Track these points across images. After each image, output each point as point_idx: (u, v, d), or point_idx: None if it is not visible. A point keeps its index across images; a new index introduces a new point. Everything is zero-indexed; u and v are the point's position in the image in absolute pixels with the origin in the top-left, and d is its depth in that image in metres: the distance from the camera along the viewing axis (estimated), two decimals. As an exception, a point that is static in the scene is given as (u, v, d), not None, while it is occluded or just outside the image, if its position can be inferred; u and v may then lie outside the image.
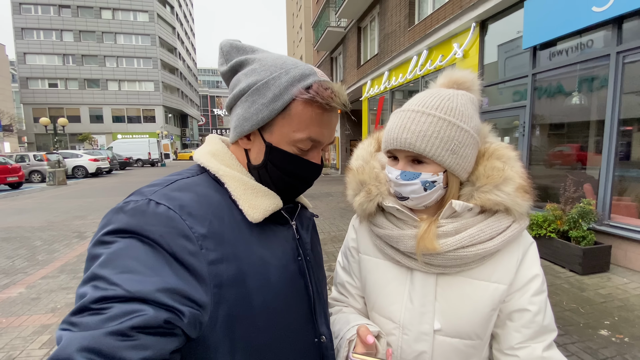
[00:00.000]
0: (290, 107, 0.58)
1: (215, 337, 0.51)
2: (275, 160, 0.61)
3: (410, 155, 0.66)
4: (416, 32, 8.66)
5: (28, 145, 37.10)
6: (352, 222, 0.89)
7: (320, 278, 0.74)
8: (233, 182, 0.60)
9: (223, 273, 0.52)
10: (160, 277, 0.44)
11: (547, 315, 0.69)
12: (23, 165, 15.58)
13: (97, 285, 0.41)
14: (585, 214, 3.73)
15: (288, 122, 0.59)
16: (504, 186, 0.66)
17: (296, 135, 0.59)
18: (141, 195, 0.53)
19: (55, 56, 37.99)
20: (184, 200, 0.53)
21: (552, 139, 5.23)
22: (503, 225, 0.67)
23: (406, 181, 0.67)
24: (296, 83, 0.58)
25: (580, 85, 4.56)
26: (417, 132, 0.64)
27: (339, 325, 0.77)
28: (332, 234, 5.71)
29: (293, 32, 32.98)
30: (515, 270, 0.70)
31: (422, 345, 0.72)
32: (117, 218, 0.49)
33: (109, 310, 0.39)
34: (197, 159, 0.65)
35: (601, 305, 3.03)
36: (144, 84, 40.98)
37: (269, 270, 0.58)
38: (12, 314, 3.16)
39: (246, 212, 0.58)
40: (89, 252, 0.47)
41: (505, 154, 0.70)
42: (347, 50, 15.13)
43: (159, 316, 0.41)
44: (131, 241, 0.46)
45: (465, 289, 0.70)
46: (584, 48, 4.41)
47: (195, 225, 0.51)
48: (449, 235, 0.67)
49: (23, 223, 7.14)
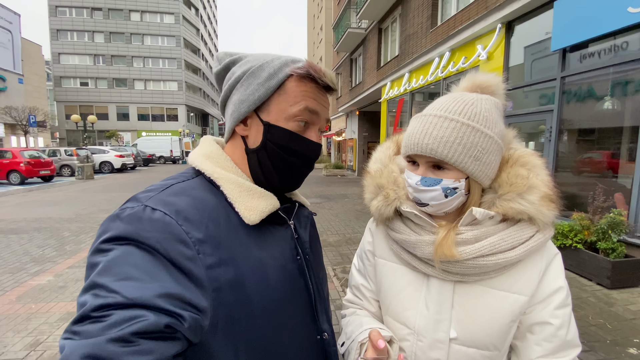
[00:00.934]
0: (285, 84, 0.61)
1: (217, 341, 0.51)
2: (274, 139, 0.62)
3: (432, 161, 0.65)
4: (439, 33, 8.51)
5: (59, 140, 39.10)
6: (368, 225, 0.89)
7: (321, 276, 0.74)
8: (228, 184, 0.60)
9: (221, 277, 0.52)
10: (159, 283, 0.44)
11: (570, 330, 0.67)
12: (55, 159, 16.43)
13: (97, 294, 0.42)
14: (616, 225, 3.54)
15: (284, 98, 0.61)
16: (528, 195, 0.64)
17: (293, 109, 0.61)
18: (137, 201, 0.53)
19: (87, 56, 39.86)
20: (180, 205, 0.53)
21: (580, 145, 5.00)
22: (526, 234, 0.65)
23: (427, 187, 0.66)
24: (289, 64, 0.62)
25: (613, 89, 4.34)
26: (440, 138, 0.62)
27: (351, 327, 0.77)
28: (347, 235, 5.69)
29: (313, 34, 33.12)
30: (537, 281, 0.67)
31: (436, 353, 0.70)
32: (113, 225, 0.49)
33: (109, 318, 0.40)
34: (191, 162, 0.65)
35: (631, 322, 2.86)
36: (168, 83, 42.32)
37: (267, 271, 0.58)
38: (40, 300, 3.34)
39: (242, 214, 0.58)
40: (88, 260, 0.48)
41: (531, 161, 0.67)
42: (367, 52, 15.05)
43: (160, 321, 0.41)
44: (129, 248, 0.46)
45: (484, 299, 0.68)
46: (618, 50, 4.19)
47: (192, 230, 0.51)
48: (468, 243, 0.66)
49: (53, 214, 7.53)
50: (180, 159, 30.12)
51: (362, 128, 17.73)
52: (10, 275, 3.98)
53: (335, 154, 24.68)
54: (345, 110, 19.42)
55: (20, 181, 13.33)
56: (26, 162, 13.27)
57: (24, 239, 5.53)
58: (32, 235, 5.80)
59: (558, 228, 4.04)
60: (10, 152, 13.53)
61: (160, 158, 28.81)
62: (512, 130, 0.74)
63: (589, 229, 3.83)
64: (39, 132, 26.88)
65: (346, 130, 20.74)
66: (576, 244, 3.86)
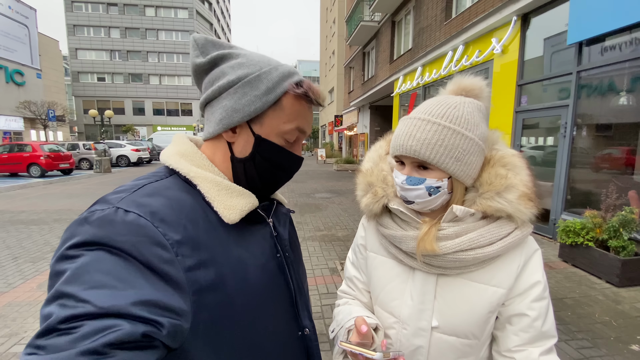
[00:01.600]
0: (281, 100, 0.61)
1: (197, 344, 0.50)
2: (263, 152, 0.62)
3: (416, 161, 0.70)
4: (453, 26, 8.36)
5: (78, 134, 40.32)
6: (362, 221, 0.94)
7: (300, 272, 0.75)
8: (206, 183, 0.59)
9: (201, 279, 0.50)
10: (134, 290, 0.41)
11: (547, 322, 0.71)
12: (74, 153, 16.98)
13: (64, 304, 0.38)
14: (627, 223, 3.47)
15: (279, 114, 0.62)
16: (506, 193, 0.68)
17: (285, 127, 0.62)
18: (107, 203, 0.49)
19: (104, 52, 40.72)
20: (155, 206, 0.50)
21: (596, 141, 4.88)
22: (504, 231, 0.69)
23: (411, 186, 0.70)
24: (286, 78, 0.62)
25: (631, 84, 4.21)
26: (422, 140, 0.67)
27: (341, 315, 0.83)
28: (355, 231, 5.73)
29: (326, 27, 32.87)
30: (515, 275, 0.71)
31: (419, 340, 0.76)
32: (81, 230, 0.45)
33: (79, 329, 0.36)
34: (164, 161, 0.62)
35: (636, 319, 2.83)
36: (182, 78, 42.90)
37: (247, 270, 0.58)
38: (62, 287, 3.53)
39: (221, 213, 0.57)
40: (51, 268, 0.44)
41: (511, 161, 0.71)
42: (380, 45, 14.89)
43: (136, 330, 0.39)
44: (99, 253, 0.43)
45: (464, 290, 0.73)
46: (636, 45, 4.06)
47: (169, 231, 0.49)
48: (449, 239, 0.70)
49: (73, 206, 7.82)
50: (194, 152, 30.50)
51: (373, 122, 17.62)
52: (32, 264, 4.20)
53: (347, 149, 24.62)
54: (357, 104, 19.31)
55: (40, 174, 13.82)
56: (46, 156, 13.74)
57: (45, 230, 5.79)
58: (53, 226, 6.06)
59: (570, 226, 3.98)
60: (30, 146, 14.03)
61: (174, 152, 29.27)
62: (498, 131, 0.77)
63: (600, 226, 3.76)
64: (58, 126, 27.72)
65: (358, 125, 20.64)
66: (587, 242, 3.80)
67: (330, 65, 30.85)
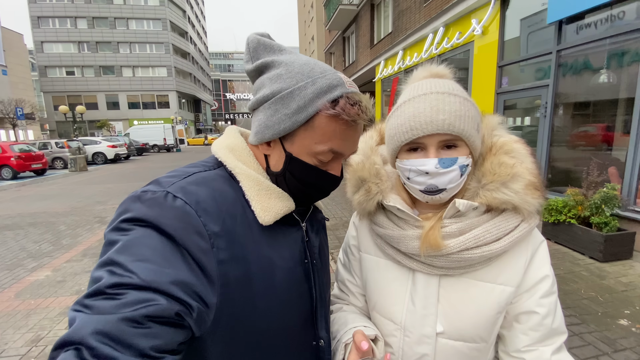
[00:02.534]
0: (313, 119, 0.56)
1: (215, 337, 0.51)
2: (294, 171, 0.60)
3: (446, 139, 0.60)
4: (432, 8, 8.25)
5: (50, 132, 38.40)
6: (352, 219, 0.87)
7: (325, 281, 0.73)
8: (248, 181, 0.59)
9: (230, 273, 0.52)
10: (174, 270, 0.45)
11: (556, 318, 0.66)
12: (46, 152, 16.16)
13: (114, 271, 0.42)
14: (609, 199, 3.56)
15: (310, 134, 0.57)
16: (512, 184, 0.62)
17: (317, 148, 0.57)
18: (159, 185, 0.53)
19: (71, 44, 38.56)
20: (201, 196, 0.53)
21: (576, 120, 4.96)
22: (511, 225, 0.63)
23: (445, 169, 0.61)
24: (322, 95, 0.55)
25: (609, 61, 4.26)
26: (454, 112, 0.59)
27: (337, 326, 0.76)
28: (343, 219, 5.72)
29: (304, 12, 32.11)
30: (523, 271, 0.66)
31: (424, 348, 0.70)
32: (134, 207, 0.49)
33: (124, 297, 0.40)
34: (214, 152, 0.64)
35: (622, 294, 2.93)
36: (157, 69, 41.26)
37: (274, 272, 0.58)
38: (39, 295, 3.35)
39: (257, 214, 0.58)
40: (106, 236, 0.48)
41: (515, 148, 0.65)
42: (359, 29, 14.65)
43: (172, 308, 0.42)
44: (148, 231, 0.46)
45: (470, 291, 0.67)
46: (614, 21, 4.08)
47: (210, 222, 0.51)
48: (453, 237, 0.64)
49: (48, 208, 7.47)
50: (175, 146, 29.78)
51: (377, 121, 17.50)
52: (8, 272, 3.97)
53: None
54: (339, 91, 19.09)
55: (12, 176, 13.15)
56: (17, 157, 13.05)
57: (20, 235, 5.50)
58: (28, 230, 5.77)
59: (552, 204, 4.06)
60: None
61: (154, 147, 28.44)
62: (497, 116, 0.70)
63: (582, 204, 3.85)
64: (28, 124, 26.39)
65: (341, 112, 20.48)
66: (570, 219, 3.89)
67: (310, 52, 30.29)
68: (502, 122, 0.71)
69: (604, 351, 2.19)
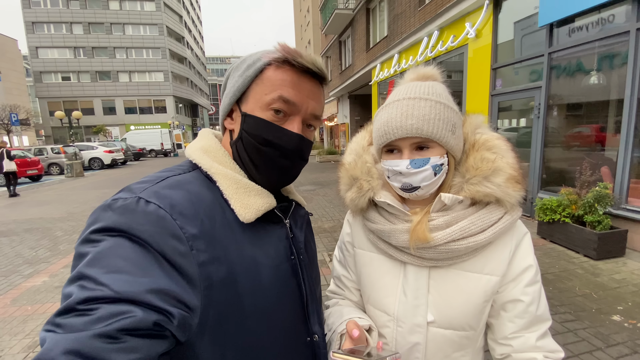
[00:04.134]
0: (263, 72, 0.60)
1: (204, 340, 0.50)
2: (248, 128, 0.60)
3: (416, 141, 0.65)
4: (427, 11, 8.36)
5: (45, 138, 38.18)
6: (347, 217, 0.89)
7: (314, 277, 0.73)
8: (225, 180, 0.59)
9: (213, 275, 0.51)
10: (150, 278, 0.43)
11: (540, 305, 0.69)
12: (41, 158, 16.06)
13: (84, 285, 0.40)
14: (602, 198, 3.61)
15: (261, 87, 0.60)
16: (493, 177, 0.65)
17: (267, 97, 0.59)
18: (130, 192, 0.51)
19: (67, 49, 38.43)
20: (175, 199, 0.51)
21: (569, 120, 5.03)
22: (494, 217, 0.67)
23: (417, 169, 0.65)
24: (270, 54, 0.61)
25: (599, 63, 4.34)
26: (422, 116, 0.63)
27: (332, 319, 0.78)
28: (341, 221, 5.74)
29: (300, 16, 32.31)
30: (508, 261, 0.69)
31: (416, 337, 0.73)
32: (105, 216, 0.47)
33: (96, 312, 0.38)
34: (188, 155, 0.63)
35: (615, 290, 2.97)
36: (153, 74, 41.22)
37: (260, 271, 0.57)
38: (36, 301, 3.34)
39: (238, 212, 0.57)
40: (75, 250, 0.46)
41: (496, 144, 0.68)
42: (355, 33, 14.77)
43: (148, 318, 0.40)
44: (120, 240, 0.45)
45: (458, 282, 0.70)
46: (604, 24, 4.17)
47: (186, 225, 0.50)
48: (440, 229, 0.67)
49: (44, 214, 7.43)
50: (172, 151, 29.74)
51: (353, 112, 17.60)
52: (3, 279, 3.95)
53: (328, 140, 24.56)
54: (336, 94, 19.20)
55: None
56: (12, 162, 12.96)
57: (15, 241, 5.47)
58: (24, 237, 5.74)
59: (547, 204, 4.11)
60: (-6, 153, 13.17)
61: (151, 152, 28.38)
62: (481, 115, 0.74)
63: (576, 203, 3.91)
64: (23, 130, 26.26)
65: (338, 115, 20.57)
66: (564, 218, 3.95)
67: (306, 56, 30.36)
68: (484, 121, 0.74)
69: (598, 346, 2.23)
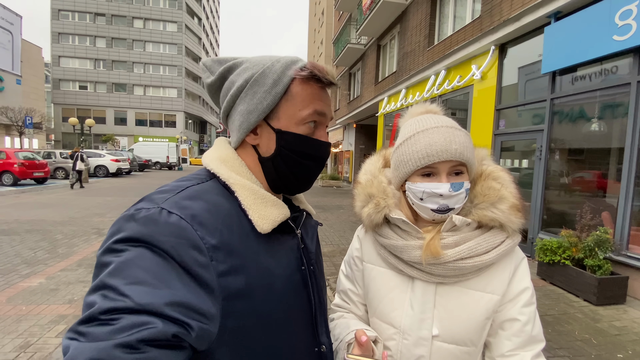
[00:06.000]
0: (290, 88, 0.61)
1: (220, 349, 0.51)
2: (287, 145, 0.62)
3: (456, 164, 0.72)
4: (435, 52, 8.77)
5: (55, 143, 38.83)
6: (356, 233, 0.95)
7: (322, 287, 0.75)
8: (243, 191, 0.60)
9: (231, 285, 0.52)
10: (170, 290, 0.44)
11: (535, 326, 0.74)
12: (49, 162, 16.28)
13: (107, 295, 0.41)
14: (602, 243, 3.64)
15: (292, 103, 0.61)
16: (499, 204, 0.73)
17: (303, 113, 0.61)
18: (152, 202, 0.52)
19: (88, 60, 40.07)
20: (196, 210, 0.52)
21: (570, 164, 5.15)
22: (498, 240, 0.74)
23: (456, 192, 0.71)
24: (290, 66, 0.61)
25: (600, 112, 4.52)
26: (461, 143, 0.72)
27: (339, 330, 0.82)
28: (341, 246, 5.73)
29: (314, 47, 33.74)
30: (507, 282, 0.75)
31: (420, 350, 0.77)
32: (128, 226, 0.48)
33: (118, 322, 0.39)
34: (206, 164, 0.64)
35: (615, 337, 2.93)
36: (167, 90, 42.58)
37: (274, 281, 0.58)
38: (31, 302, 3.32)
39: (255, 222, 0.58)
40: (98, 259, 0.47)
41: (501, 176, 0.77)
42: (365, 67, 15.37)
43: (168, 330, 0.41)
44: (142, 251, 0.45)
45: (462, 298, 0.75)
46: (605, 75, 4.39)
47: (207, 235, 0.50)
48: (450, 247, 0.73)
49: (46, 217, 7.46)
50: (177, 165, 30.04)
51: (358, 141, 17.93)
52: (1, 277, 3.95)
53: (332, 165, 24.81)
54: (342, 122, 19.65)
55: (13, 182, 13.18)
56: (20, 164, 13.16)
57: (16, 241, 5.48)
58: (24, 237, 5.75)
59: (547, 245, 4.13)
60: (4, 153, 13.40)
61: (156, 164, 28.68)
62: (485, 149, 0.83)
63: (576, 245, 3.92)
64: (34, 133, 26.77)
65: (343, 142, 20.92)
66: (564, 260, 3.95)
67: (317, 84, 31.42)
68: (488, 154, 0.84)
69: (597, 394, 2.18)
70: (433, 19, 9.23)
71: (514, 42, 6.05)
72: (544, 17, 5.07)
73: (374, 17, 11.70)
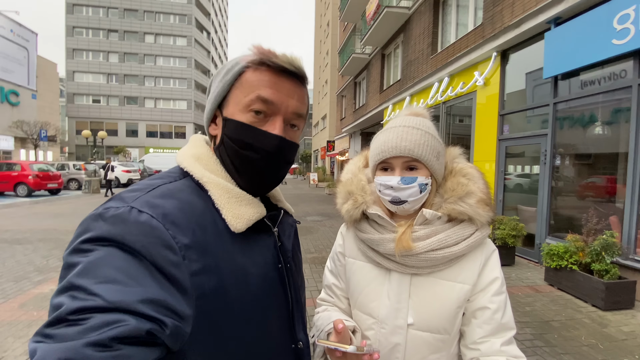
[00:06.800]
0: (242, 76, 0.60)
1: (194, 349, 0.50)
2: (229, 132, 0.61)
3: (407, 161, 0.77)
4: (438, 59, 8.85)
5: (68, 155, 39.93)
6: (340, 230, 1.01)
7: (299, 285, 0.75)
8: (217, 189, 0.59)
9: (205, 284, 0.51)
10: (142, 287, 0.42)
11: (505, 314, 0.78)
12: (63, 173, 16.76)
13: (75, 295, 0.39)
14: (609, 247, 3.58)
15: (240, 90, 0.60)
16: (466, 198, 0.78)
17: (246, 99, 0.59)
18: (122, 201, 0.50)
19: (101, 75, 41.42)
20: (167, 208, 0.51)
21: (576, 168, 5.10)
22: (467, 232, 0.78)
23: (406, 185, 0.77)
24: (248, 57, 0.61)
25: (603, 115, 4.50)
26: (413, 141, 0.77)
27: (321, 321, 0.87)
28: (346, 253, 5.73)
29: (320, 58, 34.23)
30: (478, 272, 0.79)
31: (397, 337, 0.81)
32: (96, 225, 0.46)
33: (88, 321, 0.37)
34: (179, 162, 0.63)
35: (622, 342, 2.87)
36: (177, 102, 43.59)
37: (249, 280, 0.58)
38: (43, 308, 3.43)
39: (229, 222, 0.57)
40: (64, 260, 0.45)
41: (470, 172, 0.82)
42: (370, 76, 15.53)
43: (142, 327, 0.40)
44: (111, 250, 0.44)
45: (435, 288, 0.80)
46: (606, 79, 4.38)
47: (179, 235, 0.49)
48: (421, 240, 0.78)
49: (59, 226, 7.66)
50: (185, 175, 30.43)
51: (364, 148, 17.98)
52: (14, 284, 4.07)
53: (338, 173, 24.86)
54: (348, 131, 19.77)
55: (27, 193, 13.57)
56: (34, 175, 13.56)
57: (29, 249, 5.65)
58: (37, 245, 5.92)
59: (554, 249, 4.07)
60: (19, 165, 13.86)
61: (165, 174, 29.11)
62: (458, 148, 0.88)
63: (583, 250, 3.87)
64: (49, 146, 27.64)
65: (349, 150, 21.00)
66: (571, 265, 3.89)
67: (323, 94, 31.82)
68: (460, 152, 0.88)
69: (601, 399, 2.15)
70: (436, 27, 9.34)
71: (515, 48, 6.09)
72: (544, 23, 5.11)
73: (377, 27, 11.88)
